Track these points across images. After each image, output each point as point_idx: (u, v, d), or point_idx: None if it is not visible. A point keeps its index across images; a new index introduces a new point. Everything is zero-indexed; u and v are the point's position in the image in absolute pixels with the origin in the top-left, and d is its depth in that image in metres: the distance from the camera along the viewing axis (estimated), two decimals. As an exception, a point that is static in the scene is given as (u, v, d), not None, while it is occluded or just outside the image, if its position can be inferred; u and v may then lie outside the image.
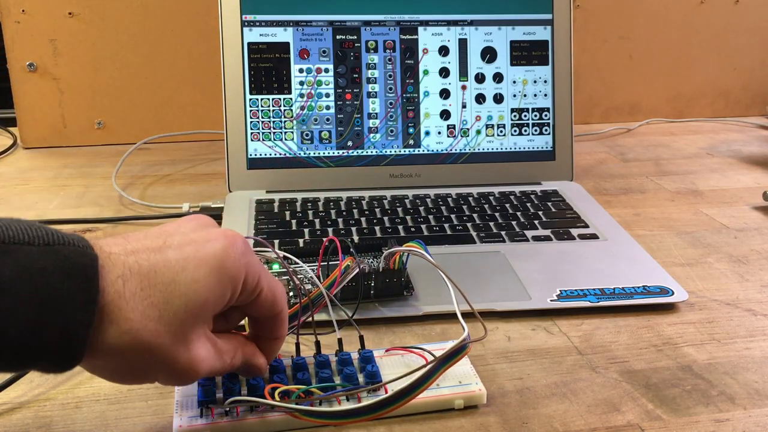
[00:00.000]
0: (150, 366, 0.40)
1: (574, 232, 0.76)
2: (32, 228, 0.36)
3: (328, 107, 0.86)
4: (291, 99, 0.85)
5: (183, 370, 0.41)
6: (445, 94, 0.88)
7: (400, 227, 0.77)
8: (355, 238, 0.74)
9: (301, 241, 0.73)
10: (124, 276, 0.38)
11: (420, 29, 0.87)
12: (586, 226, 0.78)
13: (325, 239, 0.58)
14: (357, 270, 0.57)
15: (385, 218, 0.79)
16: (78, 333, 0.36)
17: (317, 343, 0.53)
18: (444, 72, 0.88)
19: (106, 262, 0.38)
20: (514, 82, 0.89)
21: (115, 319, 0.37)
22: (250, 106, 0.84)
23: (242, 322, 0.49)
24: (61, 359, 0.36)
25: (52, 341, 0.35)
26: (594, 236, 0.75)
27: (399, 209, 0.81)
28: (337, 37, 0.86)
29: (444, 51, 0.88)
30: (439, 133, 0.88)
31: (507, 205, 0.82)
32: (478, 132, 0.88)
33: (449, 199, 0.83)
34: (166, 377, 0.42)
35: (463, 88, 0.88)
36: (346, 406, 0.47)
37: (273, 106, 0.85)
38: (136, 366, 0.40)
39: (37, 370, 0.38)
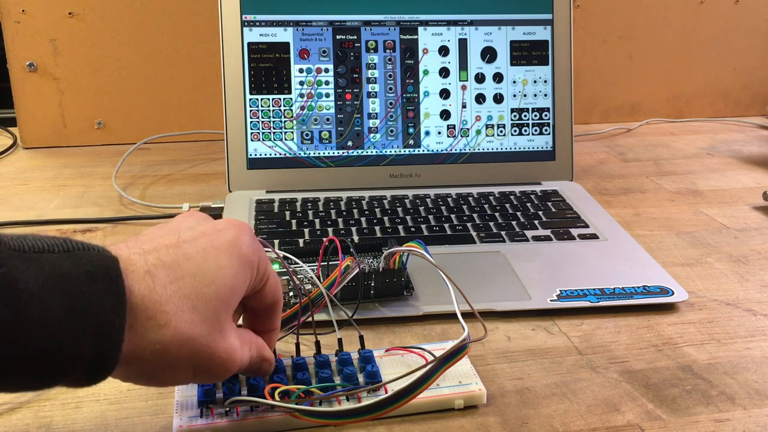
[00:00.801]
0: (189, 360, 0.39)
1: (574, 232, 0.76)
2: (48, 237, 0.36)
3: (328, 107, 0.86)
4: (291, 99, 0.85)
5: (222, 360, 0.41)
6: (445, 94, 0.88)
7: (400, 227, 0.77)
8: (355, 238, 0.74)
9: (301, 241, 0.73)
10: (151, 272, 0.38)
11: (420, 29, 0.87)
12: (586, 226, 0.78)
13: (325, 239, 0.58)
14: (357, 270, 0.57)
15: (385, 218, 0.79)
16: (111, 336, 0.35)
17: (317, 343, 0.53)
18: (444, 72, 0.88)
19: (127, 264, 0.37)
20: (514, 82, 0.89)
21: (152, 314, 0.37)
22: (250, 106, 0.84)
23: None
24: (96, 366, 0.35)
25: (86, 348, 0.34)
26: (594, 236, 0.75)
27: (399, 209, 0.81)
28: (337, 37, 0.86)
29: (444, 51, 0.88)
30: (439, 133, 0.88)
31: (507, 205, 0.82)
32: (478, 132, 0.88)
33: (449, 199, 0.83)
34: (205, 371, 0.41)
35: (463, 88, 0.88)
36: (346, 406, 0.47)
37: (273, 106, 0.85)
38: (176, 362, 0.39)
39: (67, 384, 0.36)
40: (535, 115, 0.89)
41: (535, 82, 0.89)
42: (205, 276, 0.40)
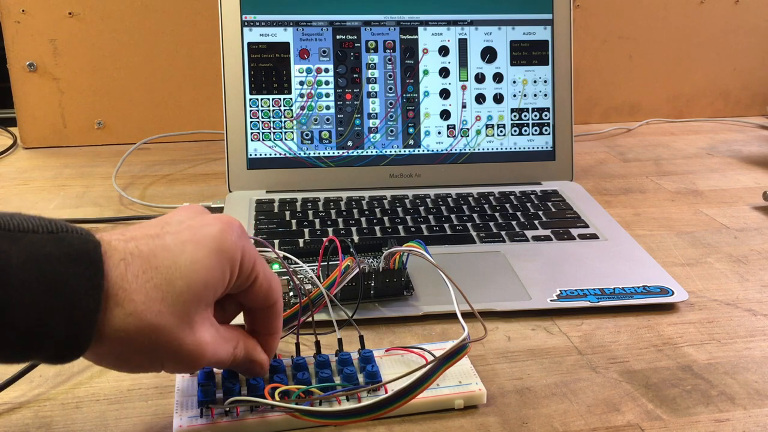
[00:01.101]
0: (156, 350, 0.40)
1: (574, 232, 0.76)
2: (35, 218, 0.37)
3: (328, 107, 0.86)
4: (291, 99, 0.85)
5: (188, 353, 0.41)
6: (445, 94, 0.88)
7: (400, 227, 0.77)
8: (355, 238, 0.74)
9: (301, 241, 0.73)
10: (126, 260, 0.38)
11: (420, 29, 0.87)
12: (586, 226, 0.78)
13: (325, 239, 0.58)
14: (357, 270, 0.57)
15: (385, 218, 0.79)
16: (85, 318, 0.36)
17: (317, 343, 0.53)
18: (444, 72, 0.88)
19: (107, 248, 0.38)
20: (514, 82, 0.89)
21: (120, 301, 0.38)
22: (250, 106, 0.84)
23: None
24: (68, 346, 0.37)
25: (58, 327, 0.36)
26: (594, 236, 0.75)
27: (399, 209, 0.81)
28: (337, 37, 0.86)
29: (444, 51, 0.88)
30: (439, 133, 0.88)
31: (507, 205, 0.82)
32: (478, 132, 0.88)
33: (449, 199, 0.83)
34: (173, 362, 0.41)
35: (463, 88, 0.88)
36: (346, 406, 0.47)
37: (273, 106, 0.85)
38: (142, 350, 0.39)
39: (41, 360, 0.37)
40: (535, 115, 0.89)
41: (535, 82, 0.89)
42: (179, 268, 0.40)
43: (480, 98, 0.88)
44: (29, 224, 0.36)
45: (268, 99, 0.85)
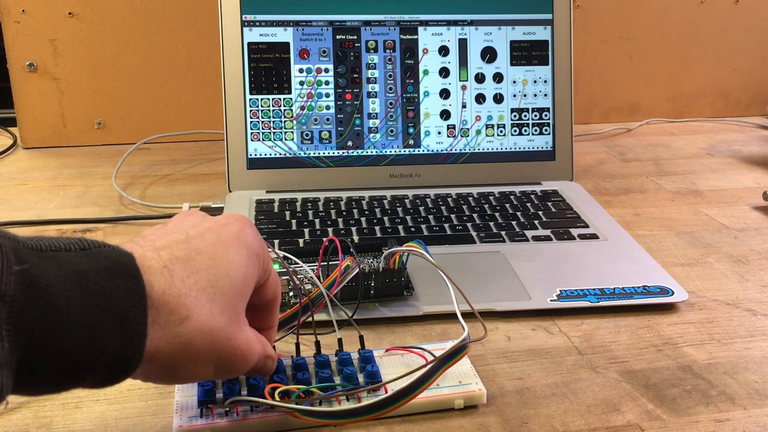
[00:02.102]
0: (211, 353, 0.39)
1: (574, 232, 0.76)
2: (63, 238, 0.36)
3: (328, 107, 0.86)
4: (291, 99, 0.85)
5: (242, 351, 0.41)
6: (445, 94, 0.88)
7: (400, 227, 0.77)
8: (355, 238, 0.74)
9: (301, 241, 0.73)
10: (168, 267, 0.38)
11: (420, 29, 0.87)
12: (586, 226, 0.78)
13: (325, 239, 0.58)
14: (357, 270, 0.57)
15: (385, 218, 0.79)
16: (135, 330, 0.35)
17: (317, 343, 0.53)
18: (444, 72, 0.88)
19: (143, 260, 0.37)
20: (514, 82, 0.89)
21: (173, 308, 0.37)
22: (250, 106, 0.84)
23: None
24: (120, 364, 0.35)
25: (110, 344, 0.34)
26: (594, 236, 0.75)
27: (399, 209, 0.81)
28: (337, 37, 0.86)
29: (444, 51, 0.88)
30: (439, 133, 0.88)
31: (507, 205, 0.82)
32: (478, 132, 0.88)
33: (449, 199, 0.83)
34: (226, 363, 0.41)
35: (463, 88, 0.88)
36: (346, 406, 0.47)
37: (273, 106, 0.85)
38: (198, 355, 0.39)
39: (86, 385, 0.36)
40: (535, 115, 0.89)
41: (535, 82, 0.89)
42: (219, 269, 0.40)
43: (480, 98, 0.88)
44: (60, 244, 0.35)
45: (268, 99, 0.85)
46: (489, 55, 0.89)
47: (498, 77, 0.89)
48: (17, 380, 0.32)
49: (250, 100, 0.84)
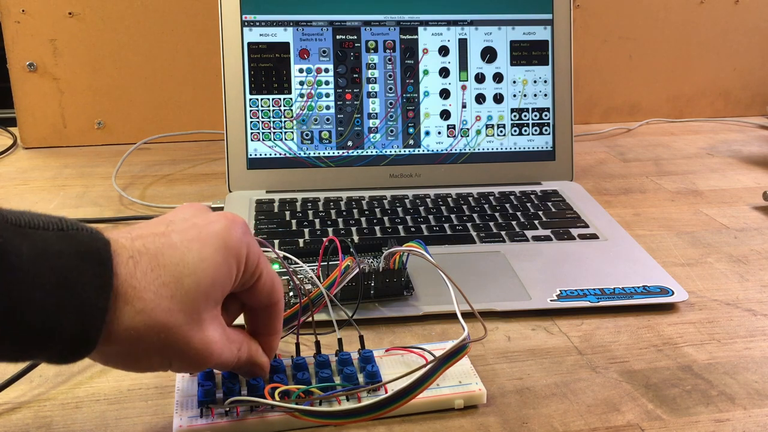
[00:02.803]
0: (165, 349, 0.40)
1: (574, 232, 0.76)
2: (44, 215, 0.37)
3: (328, 107, 0.86)
4: (291, 99, 0.85)
5: (197, 351, 0.41)
6: (445, 94, 0.88)
7: (400, 227, 0.77)
8: (355, 238, 0.74)
9: (301, 241, 0.73)
10: (134, 258, 0.38)
11: (420, 29, 0.87)
12: (586, 226, 0.78)
13: (325, 239, 0.58)
14: (357, 270, 0.57)
15: (385, 218, 0.79)
16: (94, 316, 0.36)
17: (317, 343, 0.53)
18: (444, 72, 0.88)
19: (115, 246, 0.38)
20: (514, 82, 0.89)
21: (130, 299, 0.37)
22: (250, 106, 0.84)
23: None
24: (76, 345, 0.36)
25: (68, 325, 0.35)
26: (594, 236, 0.75)
27: (399, 209, 0.81)
28: (337, 37, 0.86)
29: (444, 51, 0.88)
30: (439, 133, 0.88)
31: (507, 205, 0.82)
32: (478, 132, 0.88)
33: (449, 199, 0.83)
34: (180, 362, 0.41)
35: (463, 88, 0.88)
36: (346, 406, 0.47)
37: (273, 106, 0.85)
38: (151, 349, 0.39)
39: (47, 360, 0.37)
40: (535, 115, 0.89)
41: (535, 82, 0.89)
42: (186, 266, 0.40)
43: (480, 98, 0.88)
44: (39, 221, 0.36)
45: (268, 99, 0.85)
46: (489, 55, 0.89)
47: (498, 77, 0.89)
48: None
49: (250, 100, 0.84)
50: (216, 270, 0.41)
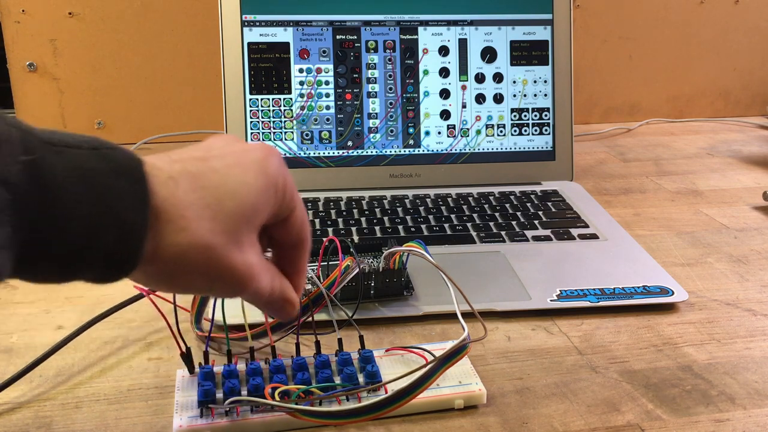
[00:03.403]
0: (207, 269, 0.39)
1: (574, 232, 0.76)
2: (78, 135, 0.36)
3: (328, 107, 0.86)
4: (291, 99, 0.85)
5: (239, 272, 0.40)
6: (445, 94, 0.88)
7: (400, 227, 0.77)
8: (355, 238, 0.74)
9: (301, 241, 0.73)
10: (174, 178, 0.38)
11: (420, 29, 0.87)
12: (586, 226, 0.78)
13: (325, 239, 0.58)
14: (357, 270, 0.57)
15: (385, 218, 0.79)
16: (133, 233, 0.36)
17: (317, 343, 0.53)
18: (444, 72, 0.88)
19: (152, 168, 0.38)
20: (514, 82, 0.89)
21: (172, 218, 0.37)
22: (250, 106, 0.84)
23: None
24: (116, 262, 0.36)
25: (107, 242, 0.35)
26: (594, 236, 0.75)
27: (399, 209, 0.81)
28: (337, 37, 0.86)
29: (444, 51, 0.88)
30: (439, 133, 0.88)
31: (507, 205, 0.82)
32: (478, 132, 0.88)
33: (449, 199, 0.83)
34: (222, 283, 0.41)
35: (463, 88, 0.88)
36: (346, 406, 0.47)
37: (273, 106, 0.85)
38: (194, 269, 0.39)
39: (91, 278, 0.37)
40: (535, 115, 0.89)
41: (535, 82, 0.89)
42: (228, 189, 0.40)
43: (480, 98, 0.88)
44: (72, 139, 0.36)
45: (268, 99, 0.85)
46: (489, 55, 0.89)
47: (498, 77, 0.89)
48: (18, 266, 0.33)
49: (250, 100, 0.84)
50: (256, 195, 0.41)
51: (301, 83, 0.85)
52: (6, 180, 0.31)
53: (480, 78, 0.88)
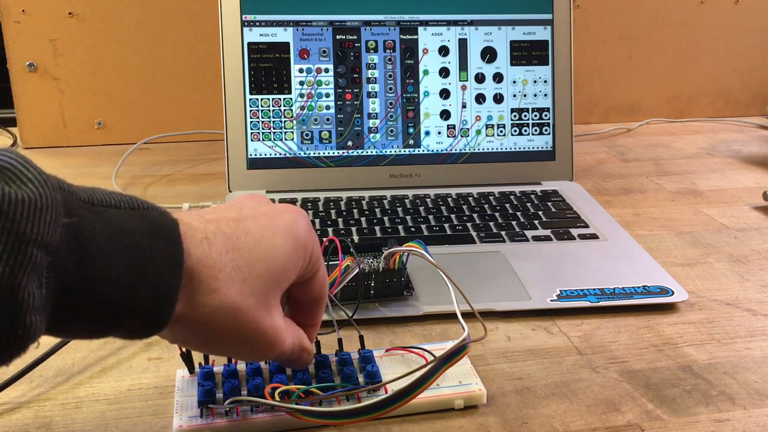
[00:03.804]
0: (236, 331, 0.40)
1: (574, 232, 0.76)
2: (116, 194, 0.37)
3: (328, 107, 0.86)
4: (291, 99, 0.85)
5: (266, 336, 0.41)
6: (445, 94, 0.88)
7: (400, 227, 0.77)
8: (355, 238, 0.74)
9: (301, 241, 0.73)
10: (209, 239, 0.39)
11: (420, 29, 0.87)
12: (586, 226, 0.78)
13: (325, 239, 0.58)
14: (357, 270, 0.57)
15: (385, 218, 0.79)
16: (167, 294, 0.36)
17: (317, 343, 0.53)
18: (444, 72, 0.88)
19: (188, 228, 0.39)
20: (514, 82, 0.89)
21: (204, 279, 0.38)
22: (250, 106, 0.84)
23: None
24: (148, 322, 0.37)
25: (141, 303, 0.36)
26: (594, 236, 0.75)
27: (399, 209, 0.81)
28: (337, 37, 0.86)
29: (444, 51, 0.88)
30: (439, 133, 0.88)
31: (507, 205, 0.82)
32: (478, 132, 0.88)
33: (449, 199, 0.83)
34: (249, 347, 0.42)
35: (463, 88, 0.88)
36: (346, 406, 0.47)
37: (273, 106, 0.85)
38: (223, 330, 0.40)
39: (122, 335, 0.37)
40: (535, 115, 0.89)
41: (535, 82, 0.89)
42: (260, 252, 0.41)
43: (480, 98, 0.88)
44: (111, 200, 0.37)
45: (268, 99, 0.85)
46: (489, 55, 0.89)
47: (498, 77, 0.89)
48: (51, 324, 0.34)
49: (250, 100, 0.84)
50: (286, 258, 0.42)
51: (301, 83, 0.85)
52: (47, 244, 0.32)
53: (480, 78, 0.88)
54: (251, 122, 0.84)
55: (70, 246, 0.33)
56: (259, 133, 0.85)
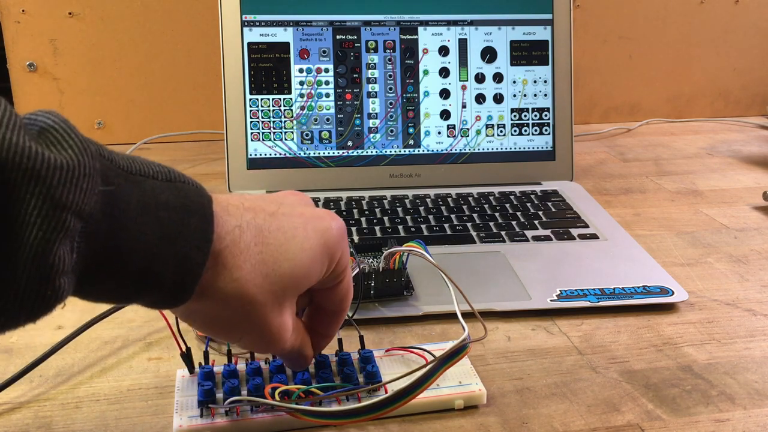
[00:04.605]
0: (245, 321, 0.41)
1: (574, 232, 0.76)
2: (154, 164, 0.38)
3: (328, 107, 0.86)
4: (291, 99, 0.85)
5: (272, 333, 0.42)
6: (445, 94, 0.88)
7: (400, 227, 0.77)
8: (355, 238, 0.74)
9: (301, 241, 0.73)
10: (241, 227, 0.39)
11: (420, 29, 0.87)
12: (586, 226, 0.78)
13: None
14: (357, 270, 0.57)
15: (385, 218, 0.79)
16: (192, 270, 0.37)
17: (317, 343, 0.53)
18: (444, 72, 0.88)
19: (224, 211, 0.39)
20: (514, 82, 0.89)
21: (229, 265, 0.38)
22: (250, 106, 0.84)
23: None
24: (172, 293, 0.37)
25: (167, 275, 0.36)
26: (594, 236, 0.75)
27: (399, 209, 0.81)
28: (337, 37, 0.86)
29: (444, 51, 0.88)
30: (439, 133, 0.88)
31: (507, 205, 0.82)
32: (478, 132, 0.88)
33: (449, 199, 0.83)
34: (254, 337, 0.42)
35: (463, 88, 0.88)
36: (346, 406, 0.47)
37: (273, 106, 0.85)
38: (232, 318, 0.40)
39: (146, 303, 0.38)
40: (535, 115, 0.89)
41: (535, 82, 0.89)
42: (288, 251, 0.41)
43: (480, 98, 0.88)
44: (149, 169, 0.37)
45: (268, 99, 0.85)
46: (489, 55, 0.89)
47: (498, 77, 0.89)
48: (79, 287, 0.35)
49: (250, 100, 0.84)
50: (312, 263, 0.42)
51: (301, 83, 0.85)
52: (82, 211, 0.32)
53: (480, 78, 0.88)
54: (251, 122, 0.84)
55: (104, 213, 0.33)
56: (259, 133, 0.85)
